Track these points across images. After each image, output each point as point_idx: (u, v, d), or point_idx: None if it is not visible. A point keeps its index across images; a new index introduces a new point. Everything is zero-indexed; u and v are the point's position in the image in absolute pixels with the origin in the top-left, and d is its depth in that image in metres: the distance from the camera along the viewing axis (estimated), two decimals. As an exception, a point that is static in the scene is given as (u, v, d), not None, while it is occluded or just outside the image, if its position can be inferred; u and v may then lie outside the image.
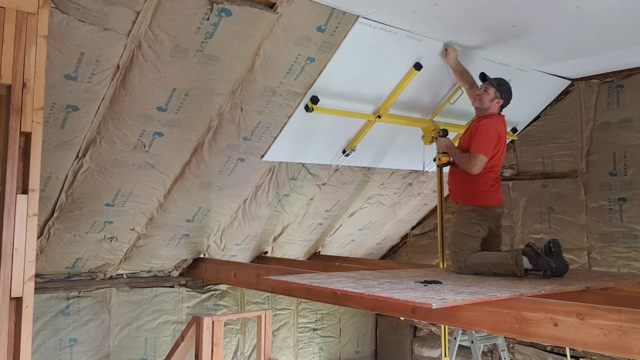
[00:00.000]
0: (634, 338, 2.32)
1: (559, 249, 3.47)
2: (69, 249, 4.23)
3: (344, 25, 3.62)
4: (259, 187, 4.65)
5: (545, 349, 5.19)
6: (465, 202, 3.82)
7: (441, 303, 2.48)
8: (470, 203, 3.80)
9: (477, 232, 3.76)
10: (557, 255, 3.44)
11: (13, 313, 2.37)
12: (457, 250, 3.75)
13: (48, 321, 4.44)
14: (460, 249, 3.73)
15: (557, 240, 3.51)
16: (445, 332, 4.40)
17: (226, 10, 3.22)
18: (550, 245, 3.45)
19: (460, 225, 3.79)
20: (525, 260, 3.45)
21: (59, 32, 2.94)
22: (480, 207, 3.77)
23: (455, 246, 3.76)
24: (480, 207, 3.77)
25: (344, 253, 6.15)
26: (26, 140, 2.43)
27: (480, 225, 3.76)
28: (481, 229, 3.77)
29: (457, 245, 3.76)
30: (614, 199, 4.85)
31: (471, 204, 3.79)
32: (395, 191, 5.60)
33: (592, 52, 4.35)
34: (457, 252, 3.74)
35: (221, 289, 5.42)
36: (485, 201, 3.80)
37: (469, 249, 3.71)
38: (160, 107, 3.60)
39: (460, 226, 3.79)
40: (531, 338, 2.69)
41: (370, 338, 6.79)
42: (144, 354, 4.91)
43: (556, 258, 3.43)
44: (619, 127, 4.83)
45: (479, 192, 3.78)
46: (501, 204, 3.91)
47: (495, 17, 3.67)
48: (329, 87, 3.99)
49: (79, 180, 3.78)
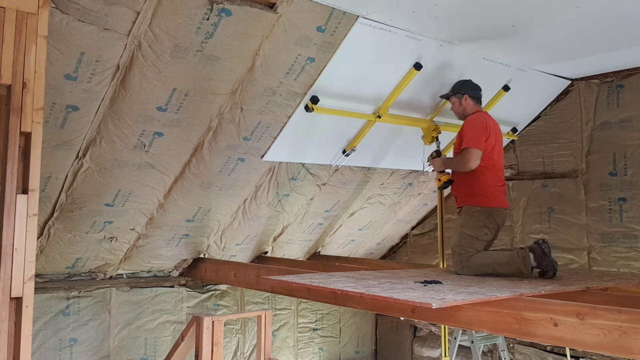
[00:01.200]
0: (634, 338, 2.32)
1: (549, 249, 3.45)
2: (69, 249, 4.24)
3: (344, 25, 3.62)
4: (259, 187, 4.65)
5: (545, 349, 5.19)
6: (474, 203, 3.74)
7: (441, 303, 2.48)
8: (478, 204, 3.73)
9: (484, 235, 3.71)
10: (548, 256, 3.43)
11: (13, 313, 2.37)
12: (461, 252, 3.69)
13: (48, 321, 4.44)
14: (465, 250, 3.69)
15: (545, 239, 3.51)
16: (445, 332, 4.40)
17: (226, 10, 3.22)
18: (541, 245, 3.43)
19: (469, 226, 3.73)
20: (532, 257, 3.42)
21: (59, 32, 2.94)
22: (490, 208, 3.72)
23: (461, 247, 3.71)
24: (490, 208, 3.72)
25: (344, 253, 6.15)
26: (26, 140, 2.43)
27: (489, 228, 3.71)
28: (489, 232, 3.72)
29: (462, 246, 3.71)
30: (614, 199, 4.85)
31: (480, 205, 3.72)
32: (395, 191, 5.60)
33: (592, 52, 4.35)
34: (462, 253, 3.69)
35: (221, 289, 5.42)
36: (494, 202, 3.74)
37: (473, 251, 3.67)
38: (160, 107, 3.60)
39: (468, 228, 3.73)
40: (531, 338, 2.69)
41: (370, 338, 6.79)
42: (144, 354, 4.91)
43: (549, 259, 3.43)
44: (619, 127, 4.84)
45: (487, 192, 3.74)
46: (506, 208, 3.86)
47: (495, 17, 3.67)
48: (329, 87, 3.99)
49: (79, 180, 3.78)
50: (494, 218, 3.72)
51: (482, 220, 3.71)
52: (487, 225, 3.71)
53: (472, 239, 3.69)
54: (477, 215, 3.72)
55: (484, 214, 3.71)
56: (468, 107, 3.91)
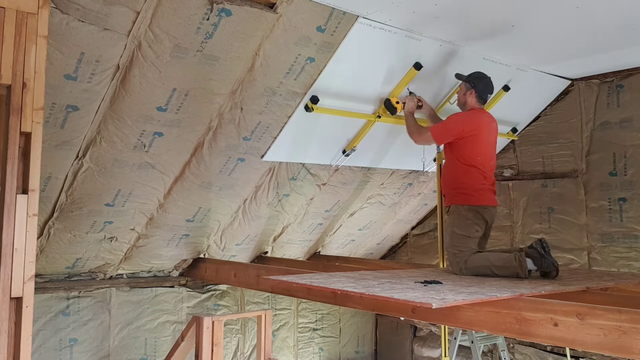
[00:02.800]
0: (634, 338, 2.32)
1: (548, 249, 3.44)
2: (69, 249, 4.24)
3: (344, 25, 3.62)
4: (259, 187, 4.65)
5: (545, 349, 5.19)
6: (461, 202, 3.77)
7: (441, 303, 2.48)
8: (465, 203, 3.75)
9: (475, 232, 3.72)
10: (547, 256, 3.41)
11: (13, 313, 2.37)
12: (456, 252, 3.68)
13: (48, 321, 4.44)
14: (460, 250, 3.68)
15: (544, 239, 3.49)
16: (445, 332, 4.40)
17: (226, 10, 3.22)
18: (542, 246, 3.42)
19: (458, 226, 3.74)
20: (530, 262, 3.41)
21: (59, 32, 2.94)
22: (477, 206, 3.74)
23: (455, 248, 3.70)
24: (477, 206, 3.74)
25: (344, 253, 6.15)
26: (26, 140, 2.43)
27: (478, 225, 3.73)
28: (479, 228, 3.74)
29: (456, 246, 3.70)
30: (614, 199, 4.85)
31: (467, 204, 3.74)
32: (395, 191, 5.60)
33: (592, 52, 4.35)
34: (457, 253, 3.68)
35: (221, 289, 5.42)
36: (479, 200, 3.76)
37: (468, 250, 3.67)
38: (160, 107, 3.60)
39: (458, 227, 3.74)
40: (531, 338, 2.69)
41: (370, 338, 6.79)
42: (144, 354, 4.91)
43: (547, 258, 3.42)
44: (619, 127, 4.84)
45: (472, 191, 3.75)
46: (495, 206, 3.87)
47: (495, 18, 3.67)
48: (328, 87, 3.99)
49: (79, 180, 3.78)
50: (481, 215, 3.74)
51: (471, 218, 3.72)
52: (476, 222, 3.73)
53: (465, 238, 3.70)
54: (464, 213, 3.74)
55: (472, 212, 3.73)
56: (469, 101, 3.89)
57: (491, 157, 3.90)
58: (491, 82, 3.92)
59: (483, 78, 3.89)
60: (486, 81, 3.89)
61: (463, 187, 3.78)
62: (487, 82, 3.89)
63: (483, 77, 3.90)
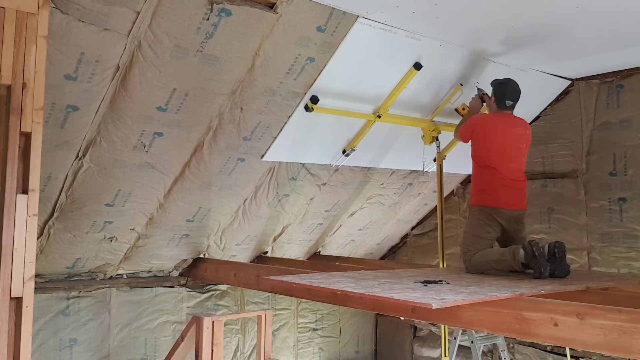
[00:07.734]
0: (634, 338, 2.32)
1: (563, 254, 3.37)
2: (69, 249, 4.23)
3: (344, 25, 3.62)
4: (259, 187, 4.65)
5: (545, 349, 5.19)
6: (474, 202, 3.84)
7: (441, 303, 2.48)
8: (477, 203, 3.80)
9: (487, 233, 3.71)
10: (560, 261, 3.35)
11: (13, 313, 2.37)
12: (465, 251, 3.76)
13: (48, 321, 4.43)
14: (468, 249, 3.73)
15: (563, 244, 3.39)
16: (445, 332, 4.40)
17: (226, 10, 3.22)
18: (555, 249, 3.36)
19: (471, 225, 3.80)
20: (522, 255, 3.41)
21: (59, 32, 2.94)
22: (488, 207, 3.72)
23: (465, 246, 3.78)
24: (488, 207, 3.72)
25: (344, 253, 6.15)
26: (26, 140, 2.43)
27: (491, 226, 3.71)
28: (492, 230, 3.72)
29: (466, 245, 3.77)
30: (614, 199, 4.85)
31: (478, 204, 3.78)
32: (395, 191, 5.60)
33: (592, 52, 4.35)
34: (466, 252, 3.75)
35: (221, 289, 5.42)
36: (492, 202, 3.72)
37: (475, 250, 3.70)
38: (160, 107, 3.60)
39: (470, 226, 3.80)
40: (531, 338, 2.69)
41: (370, 338, 6.79)
42: (144, 354, 4.91)
43: (559, 263, 3.35)
44: (619, 127, 4.83)
45: (485, 192, 3.76)
46: (513, 209, 3.76)
47: (495, 17, 3.67)
48: (328, 87, 3.99)
49: (79, 180, 3.78)
50: (494, 217, 3.72)
51: (482, 218, 3.74)
52: (487, 223, 3.73)
53: (475, 237, 3.73)
54: (476, 213, 3.78)
55: (483, 213, 3.74)
56: (491, 106, 4.02)
57: (511, 159, 3.79)
58: (512, 88, 3.89)
59: (502, 84, 3.93)
60: (504, 88, 3.90)
61: (477, 187, 3.82)
62: (503, 89, 3.89)
63: (502, 83, 3.94)
